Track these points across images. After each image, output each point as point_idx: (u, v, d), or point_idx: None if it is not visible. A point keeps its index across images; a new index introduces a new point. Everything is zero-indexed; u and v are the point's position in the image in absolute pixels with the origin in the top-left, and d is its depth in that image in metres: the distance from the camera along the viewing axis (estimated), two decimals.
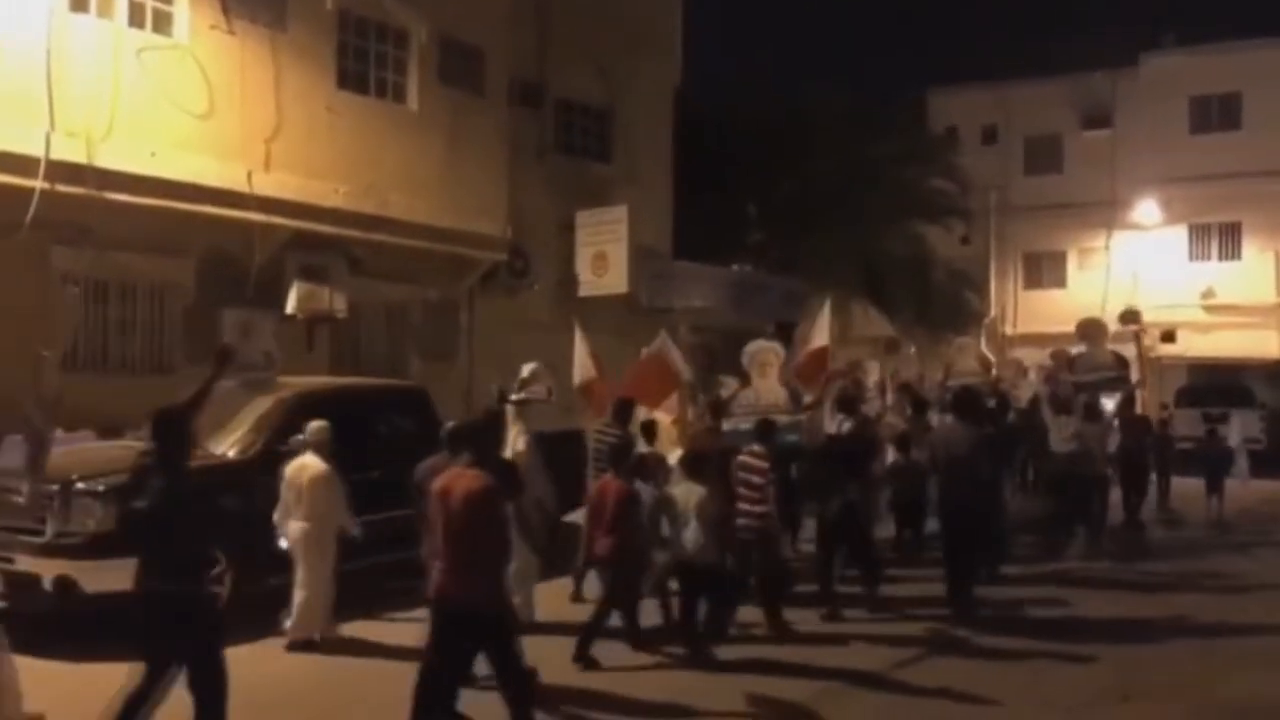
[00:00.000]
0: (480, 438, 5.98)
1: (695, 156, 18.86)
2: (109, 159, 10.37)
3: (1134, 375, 13.79)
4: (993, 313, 28.95)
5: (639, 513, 7.57)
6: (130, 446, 8.65)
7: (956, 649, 7.67)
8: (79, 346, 10.81)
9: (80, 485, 7.56)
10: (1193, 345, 26.92)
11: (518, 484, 6.46)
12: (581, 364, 10.50)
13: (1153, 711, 6.34)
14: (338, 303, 12.38)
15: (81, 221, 10.42)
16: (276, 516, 7.71)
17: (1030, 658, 7.48)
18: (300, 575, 7.58)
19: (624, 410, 9.52)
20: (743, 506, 8.19)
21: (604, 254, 15.99)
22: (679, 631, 7.63)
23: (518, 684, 5.48)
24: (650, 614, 7.76)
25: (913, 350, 22.65)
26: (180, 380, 10.60)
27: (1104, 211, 28.22)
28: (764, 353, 10.77)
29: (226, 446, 8.30)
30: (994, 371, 15.70)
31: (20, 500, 7.28)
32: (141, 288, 11.53)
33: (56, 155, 10.03)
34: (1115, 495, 13.38)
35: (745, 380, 10.76)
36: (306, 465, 7.66)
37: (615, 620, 7.56)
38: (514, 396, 8.48)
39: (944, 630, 8.18)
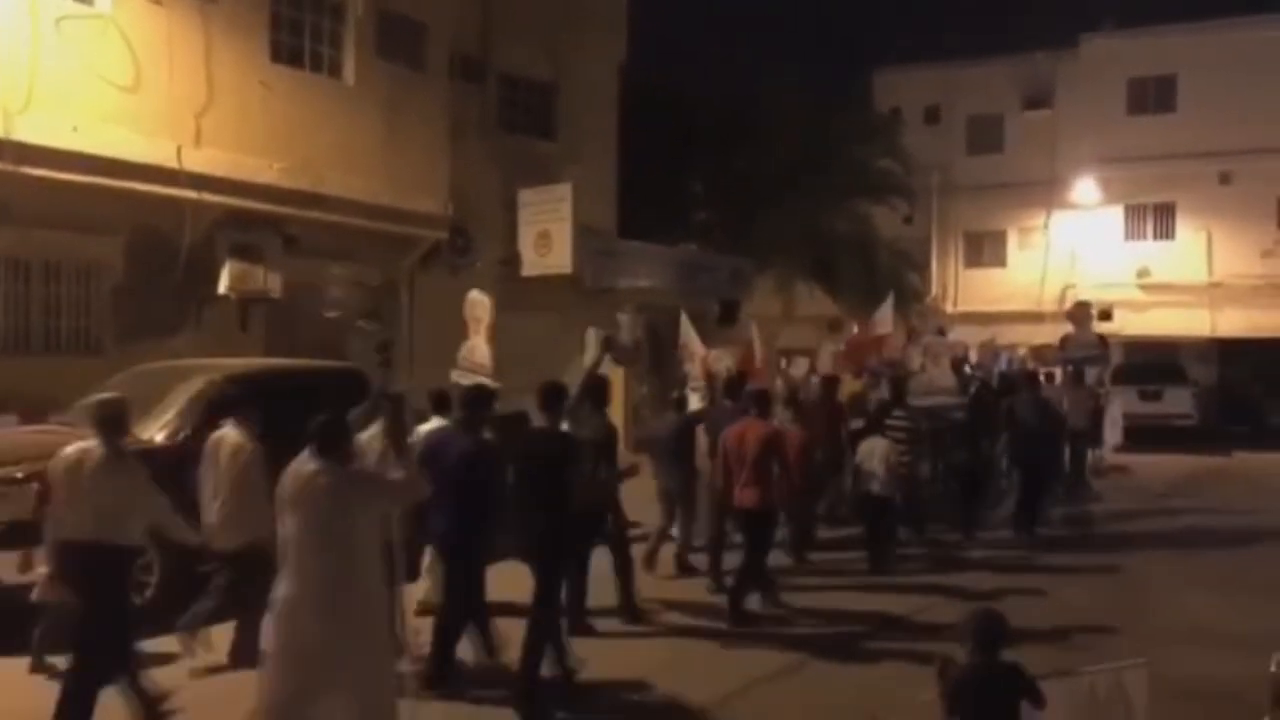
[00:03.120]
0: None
1: (640, 134, 18.72)
2: (27, 133, 9.94)
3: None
4: (934, 291, 29.22)
5: (786, 452, 8.33)
6: (56, 431, 8.37)
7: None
8: (1, 327, 10.44)
9: None
10: (1129, 324, 27.43)
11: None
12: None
13: None
14: (272, 282, 12.08)
15: (0, 198, 10.02)
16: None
17: None
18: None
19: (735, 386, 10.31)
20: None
21: (548, 233, 15.80)
22: (872, 552, 9.70)
23: (755, 571, 8.09)
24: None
25: (855, 329, 22.78)
26: (109, 362, 10.31)
27: (1044, 191, 28.58)
28: (937, 345, 13.61)
29: (154, 430, 8.02)
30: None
31: None
32: (67, 267, 11.13)
33: None
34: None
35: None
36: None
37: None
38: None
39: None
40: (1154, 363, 24.33)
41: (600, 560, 7.89)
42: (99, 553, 5.29)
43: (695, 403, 10.72)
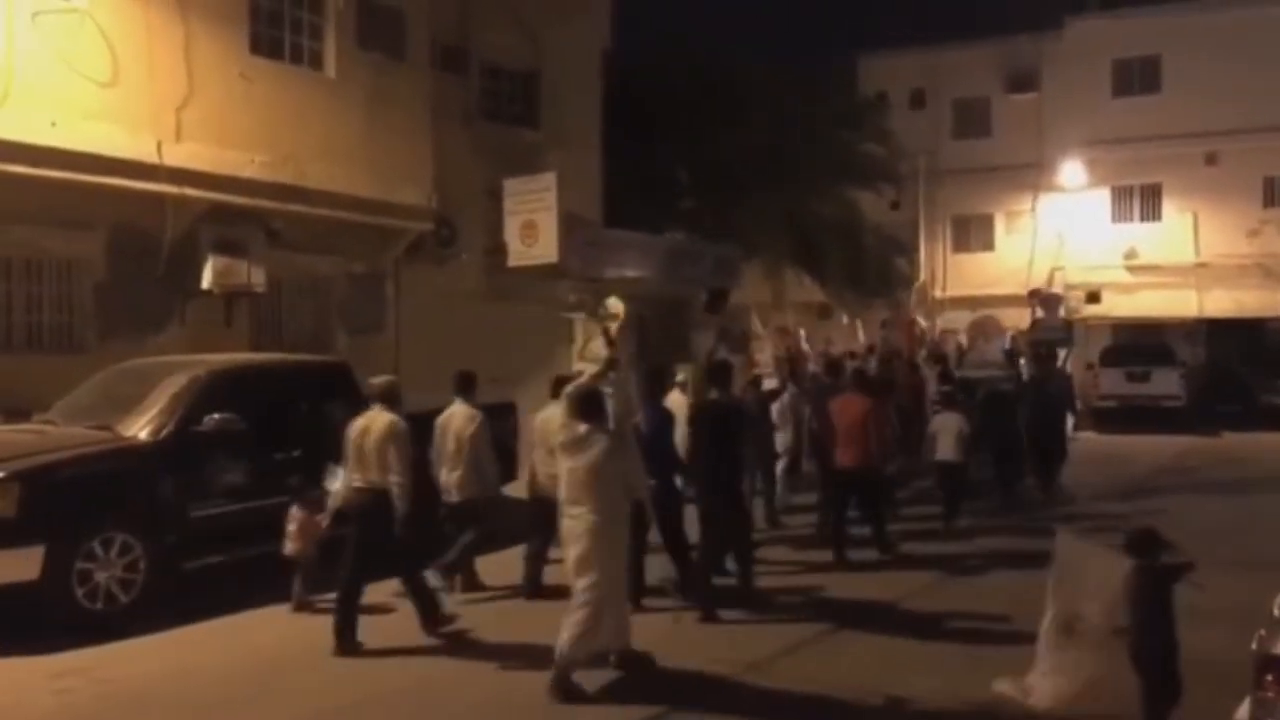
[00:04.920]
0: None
1: (625, 122, 18.63)
2: (5, 129, 9.82)
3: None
4: (923, 276, 29.26)
5: (883, 421, 9.89)
6: (38, 430, 8.33)
7: None
8: None
9: None
10: (1117, 305, 27.51)
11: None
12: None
13: None
14: (256, 277, 11.99)
15: None
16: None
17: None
18: None
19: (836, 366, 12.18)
20: None
21: (533, 222, 15.66)
22: (947, 511, 11.05)
23: (878, 524, 9.81)
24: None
25: (844, 319, 22.82)
26: (92, 359, 10.25)
27: (1030, 174, 28.57)
28: (987, 322, 16.21)
29: (138, 428, 7.98)
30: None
31: None
32: (48, 264, 11.04)
33: None
34: None
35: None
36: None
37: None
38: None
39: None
40: (1142, 344, 24.41)
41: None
42: (379, 493, 6.84)
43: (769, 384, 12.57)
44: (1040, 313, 17.70)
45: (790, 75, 21.67)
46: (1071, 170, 27.88)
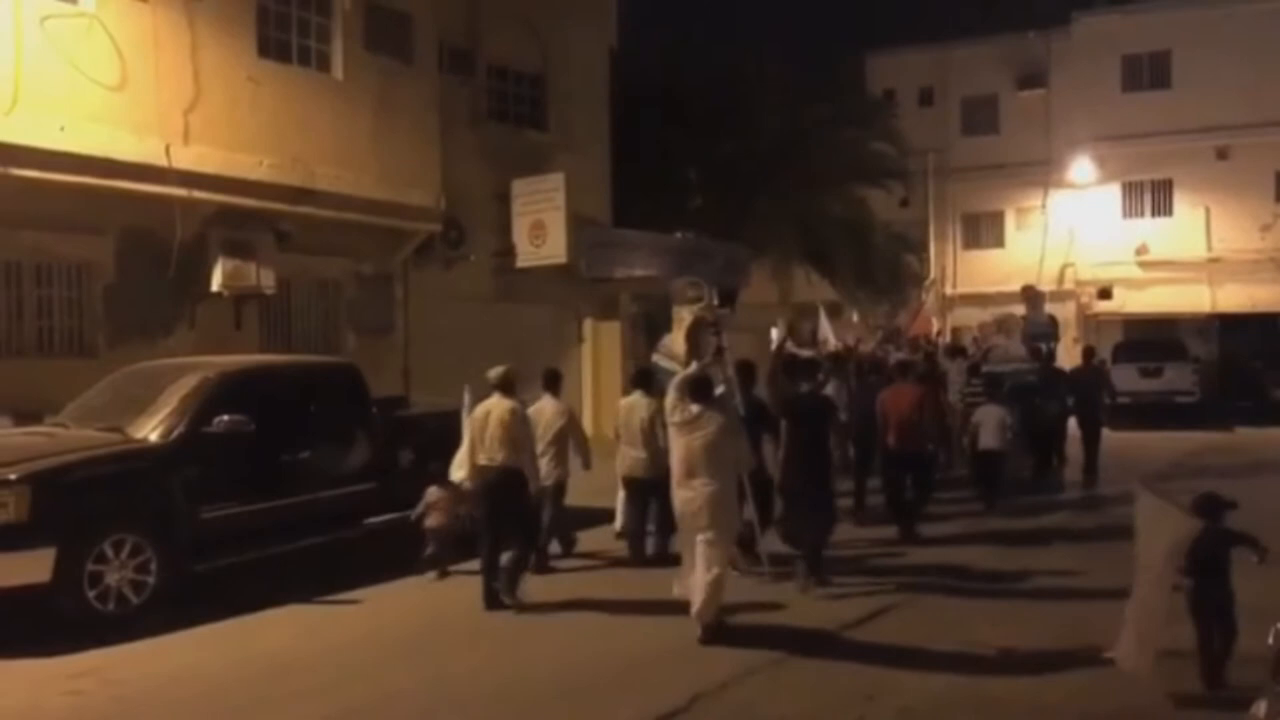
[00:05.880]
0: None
1: (633, 122, 18.63)
2: (14, 134, 9.87)
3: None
4: (933, 274, 29.20)
5: (937, 406, 11.01)
6: (49, 432, 8.35)
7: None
8: None
9: None
10: (1128, 301, 27.40)
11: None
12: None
13: (1089, 667, 6.37)
14: (265, 279, 12.02)
15: None
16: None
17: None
18: None
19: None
20: None
21: (541, 223, 15.73)
22: (985, 494, 11.77)
23: (922, 494, 10.74)
24: None
25: (855, 317, 22.77)
26: (102, 362, 10.28)
27: (1040, 171, 28.50)
28: (1009, 320, 17.21)
29: (148, 430, 7.98)
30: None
31: None
32: (58, 268, 11.10)
33: None
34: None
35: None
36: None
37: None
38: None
39: None
40: (1154, 340, 24.28)
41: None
42: (506, 472, 7.73)
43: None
44: (1026, 310, 18.39)
45: (799, 74, 21.65)
46: (1081, 166, 27.79)
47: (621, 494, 9.53)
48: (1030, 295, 19.02)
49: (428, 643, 7.06)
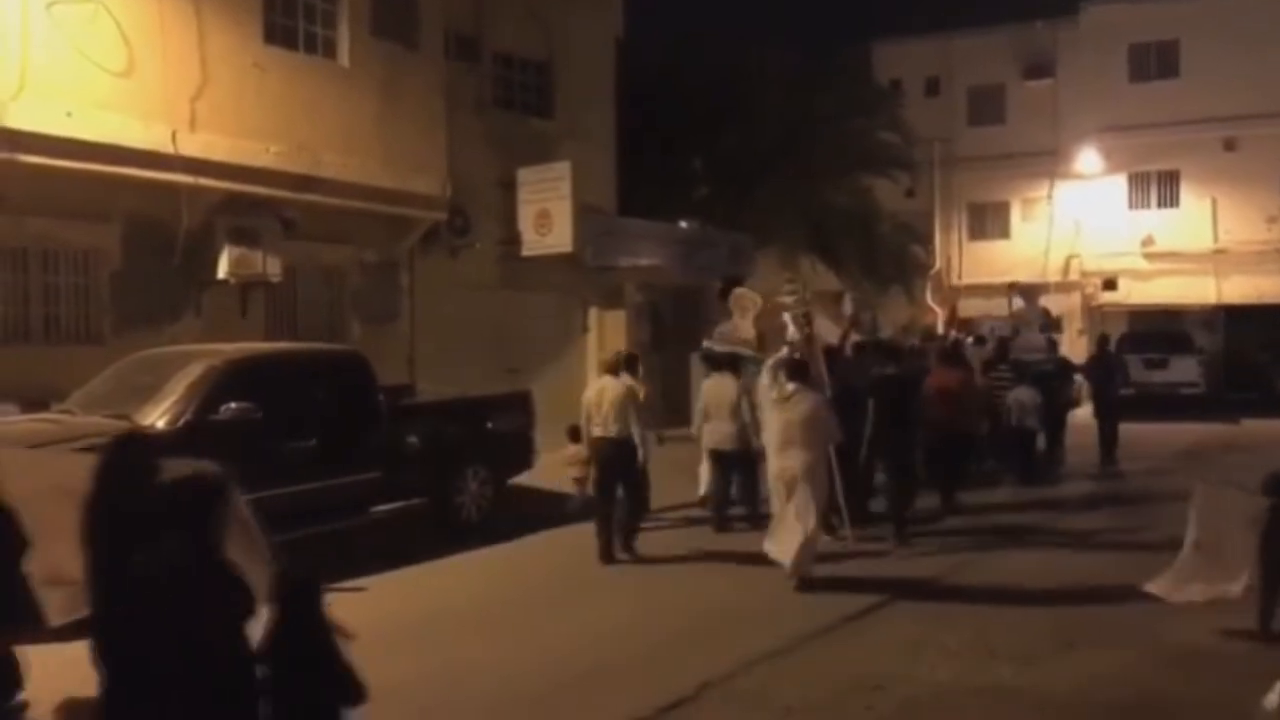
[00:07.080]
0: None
1: (639, 111, 18.57)
2: (20, 119, 9.85)
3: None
4: (938, 264, 29.13)
5: (972, 392, 11.67)
6: (56, 419, 8.35)
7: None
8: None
9: None
10: (1134, 292, 27.33)
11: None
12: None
13: (1101, 657, 6.37)
14: (271, 266, 11.99)
15: None
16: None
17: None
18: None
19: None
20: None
21: (547, 212, 15.69)
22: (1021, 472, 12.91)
23: (954, 484, 11.13)
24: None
25: (848, 308, 22.67)
26: (109, 349, 10.28)
27: (1046, 161, 28.39)
28: (1028, 312, 17.68)
29: (155, 416, 7.98)
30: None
31: None
32: (65, 254, 11.08)
33: None
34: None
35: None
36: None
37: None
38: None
39: None
40: (1159, 331, 24.24)
41: None
42: (618, 443, 8.92)
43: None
44: (1019, 304, 18.67)
45: (805, 63, 21.56)
46: (1088, 157, 27.68)
47: (705, 464, 10.47)
48: (1023, 289, 19.34)
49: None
